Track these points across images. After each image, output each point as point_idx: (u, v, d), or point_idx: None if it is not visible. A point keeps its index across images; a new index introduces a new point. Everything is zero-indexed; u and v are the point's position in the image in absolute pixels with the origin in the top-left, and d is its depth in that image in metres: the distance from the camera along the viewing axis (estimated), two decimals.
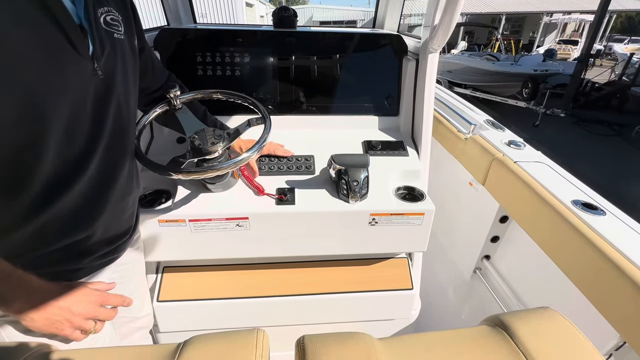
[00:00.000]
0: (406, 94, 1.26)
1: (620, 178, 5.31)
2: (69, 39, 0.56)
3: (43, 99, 0.54)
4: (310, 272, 1.14)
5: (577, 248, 0.86)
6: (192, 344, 0.59)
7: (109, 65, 0.64)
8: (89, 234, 0.69)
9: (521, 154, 1.21)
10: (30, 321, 0.57)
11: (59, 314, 0.59)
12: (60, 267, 0.67)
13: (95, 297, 0.67)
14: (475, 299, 1.44)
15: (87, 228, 0.68)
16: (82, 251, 0.70)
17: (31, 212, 0.59)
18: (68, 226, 0.65)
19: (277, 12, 1.38)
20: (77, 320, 0.63)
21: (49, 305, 0.58)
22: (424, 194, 1.05)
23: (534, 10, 19.85)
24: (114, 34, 0.66)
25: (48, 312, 0.58)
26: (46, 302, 0.57)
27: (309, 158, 1.13)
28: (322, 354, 0.55)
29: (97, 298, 0.67)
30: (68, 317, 0.61)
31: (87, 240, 0.69)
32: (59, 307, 0.59)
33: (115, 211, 0.74)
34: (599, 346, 0.58)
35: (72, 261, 0.69)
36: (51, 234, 0.64)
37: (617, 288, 0.76)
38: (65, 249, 0.66)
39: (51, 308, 0.58)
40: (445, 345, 0.60)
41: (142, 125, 0.88)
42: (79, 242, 0.68)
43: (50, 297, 0.58)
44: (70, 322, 0.62)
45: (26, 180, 0.57)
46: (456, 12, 0.92)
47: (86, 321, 0.65)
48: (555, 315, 0.63)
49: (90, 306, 0.65)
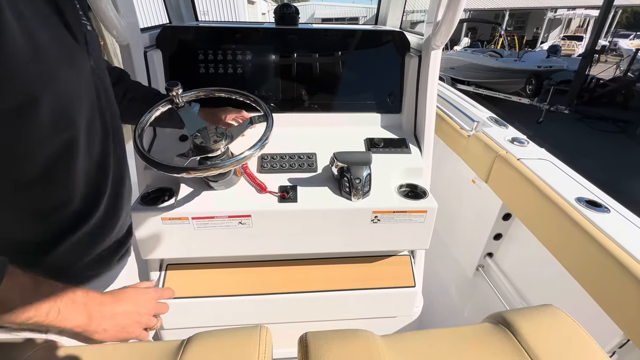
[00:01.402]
0: (409, 91, 1.25)
1: (625, 175, 5.27)
2: (75, 37, 0.55)
3: (71, 101, 0.53)
4: (313, 269, 1.14)
5: (580, 246, 0.85)
6: (196, 341, 0.60)
7: (97, 61, 0.63)
8: (111, 236, 0.70)
9: (524, 151, 1.21)
10: (103, 333, 0.57)
11: (128, 319, 0.61)
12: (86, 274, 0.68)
13: (152, 293, 0.68)
14: (478, 296, 1.44)
15: (111, 232, 0.69)
16: (102, 256, 0.70)
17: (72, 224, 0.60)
18: (99, 233, 0.66)
19: (279, 9, 1.37)
20: (145, 319, 0.64)
21: (117, 314, 0.59)
22: (426, 191, 1.05)
23: (537, 6, 19.66)
24: (87, 26, 0.63)
25: (117, 319, 0.59)
26: (113, 311, 0.58)
27: (311, 156, 1.13)
28: (324, 351, 0.55)
29: (154, 294, 0.68)
30: (137, 319, 0.62)
31: (108, 242, 0.70)
32: (126, 313, 0.60)
33: (127, 208, 0.75)
34: (602, 344, 0.58)
35: (93, 268, 0.69)
36: (84, 244, 0.64)
37: (621, 286, 0.75)
38: (95, 256, 0.67)
39: (119, 315, 0.59)
40: (448, 343, 0.60)
41: (144, 124, 0.89)
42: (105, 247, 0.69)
43: (115, 306, 0.59)
44: (139, 324, 0.63)
45: (61, 193, 0.57)
46: (459, 8, 0.91)
47: (151, 318, 0.66)
48: (558, 312, 0.63)
49: (151, 303, 0.66)
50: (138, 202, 0.97)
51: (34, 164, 0.51)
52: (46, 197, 0.55)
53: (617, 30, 19.09)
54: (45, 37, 0.47)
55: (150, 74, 1.12)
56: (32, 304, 0.46)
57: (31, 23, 0.44)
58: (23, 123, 0.46)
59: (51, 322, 0.49)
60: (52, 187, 0.55)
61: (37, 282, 0.49)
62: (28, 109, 0.46)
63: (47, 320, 0.49)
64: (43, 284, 0.50)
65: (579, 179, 1.06)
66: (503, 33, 11.83)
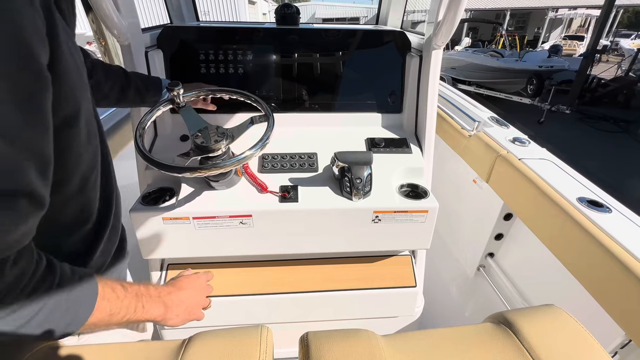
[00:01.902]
0: (410, 91, 1.25)
1: (626, 175, 5.26)
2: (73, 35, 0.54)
3: (93, 108, 0.54)
4: (314, 269, 1.14)
5: (582, 246, 0.85)
6: (197, 340, 0.60)
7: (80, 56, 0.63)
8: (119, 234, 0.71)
9: (526, 151, 1.21)
10: (176, 318, 0.63)
11: (192, 302, 0.68)
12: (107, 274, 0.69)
13: (202, 277, 0.75)
14: (479, 296, 1.44)
15: (118, 230, 0.70)
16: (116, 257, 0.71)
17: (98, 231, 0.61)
18: (113, 233, 0.67)
19: (280, 9, 1.37)
20: (202, 300, 0.72)
21: (183, 299, 0.66)
22: (427, 191, 1.05)
23: (539, 6, 19.62)
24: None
25: (185, 304, 0.66)
26: (180, 298, 0.65)
27: (312, 156, 1.13)
28: (325, 351, 0.55)
29: (204, 278, 0.75)
30: (197, 301, 0.70)
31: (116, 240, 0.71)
32: (190, 297, 0.68)
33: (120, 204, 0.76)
34: (604, 344, 0.58)
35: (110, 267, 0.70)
36: (107, 246, 0.65)
37: (623, 285, 0.75)
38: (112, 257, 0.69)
39: (186, 300, 0.66)
40: (449, 342, 0.60)
41: (145, 124, 0.89)
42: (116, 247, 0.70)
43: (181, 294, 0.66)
44: (199, 304, 0.71)
45: (93, 201, 0.58)
46: (460, 8, 0.91)
47: (206, 299, 0.73)
48: (560, 312, 0.63)
49: (203, 286, 0.74)
50: (139, 202, 0.97)
51: (77, 175, 0.52)
52: (83, 207, 0.56)
53: (618, 30, 19.05)
54: (72, 46, 0.48)
55: (151, 74, 1.12)
56: (125, 304, 0.52)
57: (63, 33, 0.44)
58: (71, 134, 0.48)
59: (139, 317, 0.55)
60: (86, 197, 0.56)
61: (122, 285, 0.54)
62: (74, 120, 0.47)
63: (135, 316, 0.54)
64: (126, 285, 0.54)
65: (581, 178, 1.06)
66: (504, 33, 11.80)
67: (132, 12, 1.00)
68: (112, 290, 0.51)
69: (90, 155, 0.54)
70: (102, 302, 0.49)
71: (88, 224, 0.59)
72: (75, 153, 0.50)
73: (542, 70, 9.17)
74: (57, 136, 0.44)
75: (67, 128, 0.47)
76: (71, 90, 0.45)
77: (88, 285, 0.48)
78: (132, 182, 1.14)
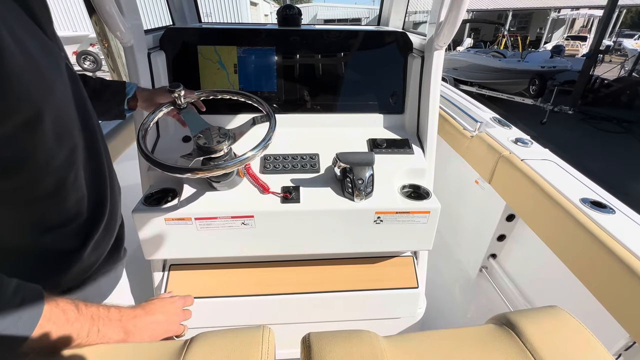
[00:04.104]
0: (411, 92, 1.25)
1: (630, 176, 5.22)
2: (46, 33, 0.52)
3: (66, 108, 0.52)
4: (316, 270, 1.14)
5: (586, 247, 0.85)
6: (199, 341, 0.60)
7: (64, 52, 0.59)
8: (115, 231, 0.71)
9: (528, 151, 1.20)
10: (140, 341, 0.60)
11: (159, 328, 0.64)
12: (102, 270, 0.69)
13: (177, 302, 0.71)
14: (482, 297, 1.43)
15: (115, 227, 0.71)
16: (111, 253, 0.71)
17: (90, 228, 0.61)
18: (108, 229, 0.67)
19: (282, 10, 1.38)
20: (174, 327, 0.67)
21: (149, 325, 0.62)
22: (429, 192, 1.05)
23: (541, 6, 19.57)
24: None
25: (150, 330, 0.62)
26: (146, 323, 0.62)
27: (313, 156, 1.13)
28: (327, 352, 0.55)
29: (179, 303, 0.72)
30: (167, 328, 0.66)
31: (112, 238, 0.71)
32: (157, 323, 0.64)
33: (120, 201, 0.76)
34: (608, 346, 0.57)
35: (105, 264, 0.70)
36: (100, 242, 0.65)
37: (627, 287, 0.74)
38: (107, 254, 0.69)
39: (152, 326, 0.63)
40: (452, 344, 0.59)
41: (148, 125, 0.89)
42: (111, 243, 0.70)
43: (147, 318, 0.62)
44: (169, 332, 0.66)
45: (77, 200, 0.57)
46: (462, 8, 0.91)
47: (180, 326, 0.70)
48: (563, 314, 0.63)
49: (178, 311, 0.70)
50: (141, 203, 0.97)
51: (50, 176, 0.51)
52: (65, 205, 0.56)
53: (621, 30, 18.96)
54: (33, 45, 0.45)
55: (153, 75, 1.13)
56: (75, 327, 0.48)
57: (18, 32, 0.43)
58: (32, 138, 0.46)
59: (91, 342, 0.51)
60: (66, 196, 0.55)
61: (77, 306, 0.50)
62: (35, 124, 0.45)
63: (88, 341, 0.50)
64: (82, 306, 0.50)
65: (584, 179, 1.05)
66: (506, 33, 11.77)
67: (135, 13, 1.01)
68: (62, 312, 0.47)
69: (64, 155, 0.53)
70: (47, 325, 0.44)
71: (76, 221, 0.58)
72: (43, 154, 0.49)
73: (545, 71, 9.13)
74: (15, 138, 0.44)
75: (27, 130, 0.45)
76: (25, 91, 0.43)
77: (31, 303, 0.43)
78: (135, 183, 1.15)
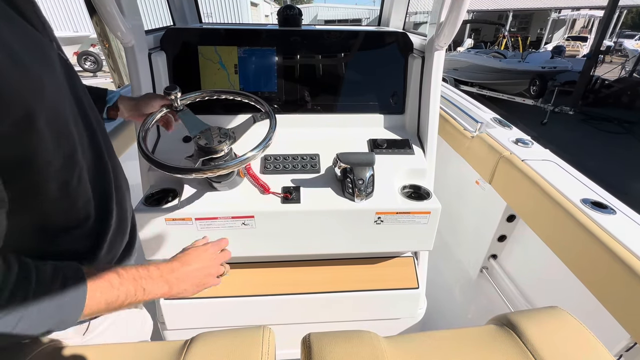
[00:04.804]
0: (412, 92, 1.25)
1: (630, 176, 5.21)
2: (33, 25, 0.50)
3: (62, 105, 0.51)
4: (316, 270, 1.14)
5: (586, 247, 0.85)
6: (199, 341, 0.60)
7: (57, 44, 0.56)
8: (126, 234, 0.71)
9: (529, 152, 1.20)
10: (185, 292, 0.65)
11: (200, 275, 0.68)
12: None
13: (211, 248, 0.74)
14: (482, 298, 1.43)
15: (126, 229, 0.71)
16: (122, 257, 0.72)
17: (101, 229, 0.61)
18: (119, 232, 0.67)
19: (282, 11, 1.38)
20: (214, 270, 0.71)
21: (189, 274, 0.66)
22: (430, 192, 1.05)
23: (541, 7, 19.56)
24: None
25: (191, 278, 0.66)
26: (186, 273, 0.65)
27: (314, 157, 1.13)
28: (327, 352, 0.55)
29: (213, 248, 0.74)
30: (207, 272, 0.70)
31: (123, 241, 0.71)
32: (196, 270, 0.67)
33: (130, 203, 0.76)
34: (608, 347, 0.57)
35: None
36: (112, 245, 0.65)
37: (628, 288, 0.74)
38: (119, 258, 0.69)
39: (192, 274, 0.66)
40: (452, 344, 0.59)
41: (148, 127, 0.89)
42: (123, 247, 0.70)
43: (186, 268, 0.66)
44: (210, 275, 0.71)
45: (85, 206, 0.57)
46: (462, 9, 0.91)
47: (219, 267, 0.73)
48: (564, 314, 0.63)
49: (214, 256, 0.73)
50: (142, 203, 0.97)
51: (54, 179, 0.50)
52: (73, 208, 0.55)
53: (622, 31, 18.93)
54: (16, 40, 0.43)
55: (154, 75, 1.13)
56: (122, 290, 0.53)
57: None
58: (29, 140, 0.44)
59: (140, 299, 0.56)
60: (73, 198, 0.55)
61: (117, 272, 0.54)
62: (27, 124, 0.43)
63: (137, 299, 0.55)
64: (122, 271, 0.55)
65: (584, 180, 1.05)
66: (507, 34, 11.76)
67: (136, 14, 1.01)
68: (105, 281, 0.51)
69: (64, 157, 0.51)
70: (95, 295, 0.50)
71: (88, 223, 0.58)
72: (42, 156, 0.47)
73: (545, 71, 9.12)
74: (13, 140, 0.42)
75: (21, 133, 0.43)
76: (16, 92, 0.41)
77: (74, 284, 0.48)
78: (135, 183, 1.15)
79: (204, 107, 1.07)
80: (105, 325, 0.72)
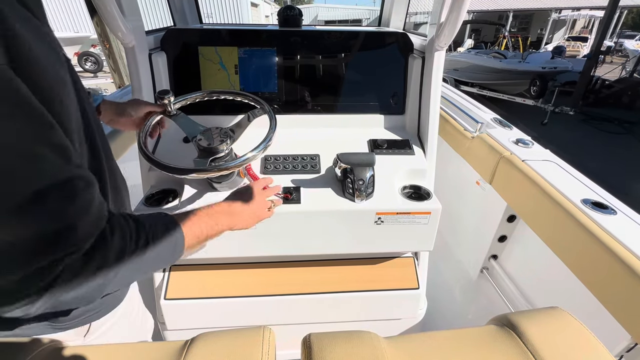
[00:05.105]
0: (412, 93, 1.25)
1: (631, 176, 5.21)
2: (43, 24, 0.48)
3: (83, 108, 0.52)
4: (316, 270, 1.14)
5: (587, 248, 0.85)
6: (200, 341, 0.60)
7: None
8: None
9: (529, 152, 1.20)
10: (244, 222, 0.78)
11: (256, 207, 0.81)
12: None
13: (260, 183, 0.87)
14: (483, 298, 1.43)
15: None
16: None
17: None
18: None
19: (282, 11, 1.38)
20: (263, 204, 0.84)
21: (245, 207, 0.78)
22: (430, 192, 1.05)
23: (542, 7, 19.57)
24: None
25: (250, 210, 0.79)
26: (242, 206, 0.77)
27: (314, 157, 1.13)
28: (328, 352, 0.55)
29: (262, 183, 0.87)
30: (263, 205, 0.84)
31: None
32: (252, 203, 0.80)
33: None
34: (609, 347, 0.57)
35: None
36: None
37: (629, 288, 0.74)
38: None
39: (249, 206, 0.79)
40: (453, 345, 0.59)
41: (148, 129, 0.89)
42: None
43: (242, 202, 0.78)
44: (265, 205, 0.85)
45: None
46: (463, 9, 0.91)
47: (267, 201, 0.86)
48: (564, 315, 0.63)
49: (264, 190, 0.85)
50: (142, 204, 0.97)
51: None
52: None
53: (622, 31, 18.94)
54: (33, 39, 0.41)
55: (155, 76, 1.13)
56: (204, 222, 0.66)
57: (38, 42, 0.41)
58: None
59: (217, 231, 0.69)
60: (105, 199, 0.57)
61: (191, 211, 0.66)
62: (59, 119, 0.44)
63: (214, 230, 0.68)
64: (197, 211, 0.67)
65: (585, 180, 1.05)
66: (507, 34, 11.77)
67: (136, 14, 1.01)
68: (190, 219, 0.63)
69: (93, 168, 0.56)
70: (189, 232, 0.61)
71: None
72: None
73: (546, 72, 9.13)
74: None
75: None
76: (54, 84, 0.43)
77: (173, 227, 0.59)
78: (136, 183, 1.15)
79: (204, 108, 1.08)
80: (107, 326, 0.72)
